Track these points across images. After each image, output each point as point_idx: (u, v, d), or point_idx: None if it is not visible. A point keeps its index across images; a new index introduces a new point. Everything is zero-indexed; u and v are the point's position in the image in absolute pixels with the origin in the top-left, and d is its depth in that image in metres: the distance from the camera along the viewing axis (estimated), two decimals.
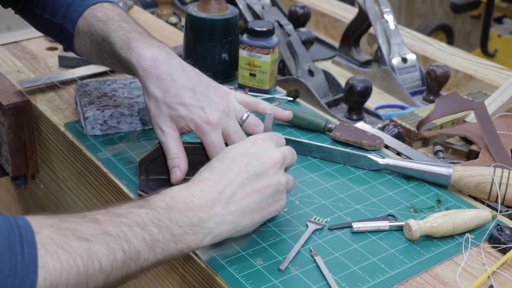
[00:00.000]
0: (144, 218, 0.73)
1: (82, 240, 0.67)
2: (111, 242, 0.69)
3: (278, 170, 0.83)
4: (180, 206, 0.76)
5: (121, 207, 0.74)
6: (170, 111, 0.91)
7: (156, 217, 0.74)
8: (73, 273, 0.65)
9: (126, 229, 0.71)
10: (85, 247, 0.67)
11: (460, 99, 1.12)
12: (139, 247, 0.71)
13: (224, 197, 0.79)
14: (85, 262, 0.66)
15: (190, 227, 0.76)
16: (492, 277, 0.82)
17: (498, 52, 3.43)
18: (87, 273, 0.67)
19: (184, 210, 0.76)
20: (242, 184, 0.80)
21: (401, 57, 1.42)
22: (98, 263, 0.68)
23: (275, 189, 0.82)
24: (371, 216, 0.93)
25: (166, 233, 0.74)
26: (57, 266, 0.64)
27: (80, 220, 0.69)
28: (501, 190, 0.95)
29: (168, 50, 0.95)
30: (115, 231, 0.70)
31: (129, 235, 0.71)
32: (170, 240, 0.74)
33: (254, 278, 0.80)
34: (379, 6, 1.45)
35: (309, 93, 1.31)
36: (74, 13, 1.03)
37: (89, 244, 0.67)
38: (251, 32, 1.21)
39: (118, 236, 0.70)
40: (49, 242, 0.65)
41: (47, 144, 1.22)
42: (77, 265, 0.66)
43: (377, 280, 0.81)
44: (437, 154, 1.13)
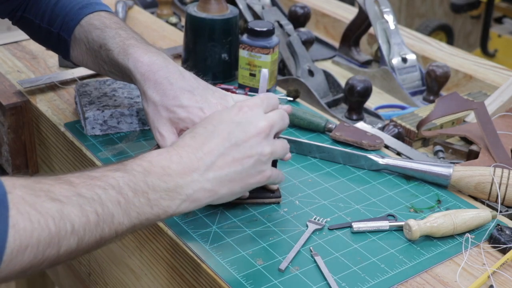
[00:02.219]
0: (120, 181, 0.72)
1: (54, 201, 0.66)
2: (85, 204, 0.68)
3: (262, 139, 0.82)
4: (157, 171, 0.75)
5: (97, 170, 0.73)
6: (169, 114, 0.91)
7: (132, 181, 0.73)
8: (44, 234, 0.65)
9: (100, 192, 0.70)
10: (57, 208, 0.66)
11: (460, 99, 1.12)
12: (113, 210, 0.71)
13: (203, 165, 0.78)
14: (56, 223, 0.66)
15: (167, 192, 0.75)
16: (492, 277, 0.82)
17: (498, 52, 3.43)
18: (58, 235, 0.66)
19: (161, 175, 0.75)
20: (223, 153, 0.80)
21: (401, 57, 1.42)
22: (70, 225, 0.67)
23: (257, 160, 0.81)
24: (371, 216, 0.93)
25: (141, 197, 0.73)
26: (28, 226, 0.64)
27: (54, 182, 0.69)
28: (501, 190, 0.95)
29: (165, 56, 0.96)
30: (89, 193, 0.69)
31: (103, 198, 0.70)
32: (145, 205, 0.73)
33: (254, 278, 0.81)
34: (379, 6, 1.45)
35: (309, 93, 1.31)
36: (71, 22, 1.03)
37: (62, 205, 0.67)
38: (251, 32, 1.21)
39: (92, 198, 0.69)
40: (21, 202, 0.64)
41: (47, 144, 1.22)
42: (49, 226, 0.65)
43: (377, 280, 0.81)
44: (437, 154, 1.13)
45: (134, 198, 0.72)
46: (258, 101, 0.85)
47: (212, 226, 0.89)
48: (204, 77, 1.26)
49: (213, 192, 0.79)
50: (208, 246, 0.86)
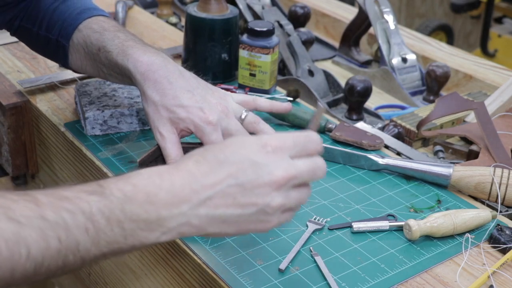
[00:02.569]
0: (92, 207, 0.64)
1: (12, 221, 0.61)
2: (46, 228, 0.62)
3: (273, 190, 0.69)
4: (140, 198, 0.66)
5: (71, 190, 0.66)
6: (169, 114, 0.91)
7: (107, 207, 0.65)
8: None
9: (67, 216, 0.63)
10: (13, 230, 0.60)
11: (460, 99, 1.12)
12: (79, 238, 0.64)
13: (196, 199, 0.68)
14: (10, 247, 0.60)
15: (146, 223, 0.66)
16: (492, 277, 0.82)
17: (498, 52, 3.43)
18: (11, 259, 0.60)
19: (143, 203, 0.66)
20: (224, 191, 0.68)
21: (401, 57, 1.42)
22: (26, 250, 0.61)
23: (261, 210, 0.69)
24: (371, 216, 0.93)
25: (115, 226, 0.65)
26: None
27: (18, 198, 0.63)
28: (501, 190, 0.95)
29: (164, 56, 0.96)
30: (53, 216, 0.63)
31: (70, 224, 0.63)
32: (118, 235, 0.66)
33: (254, 278, 0.80)
34: (379, 6, 1.45)
35: (309, 93, 1.31)
36: (69, 27, 1.04)
37: (20, 227, 0.61)
38: (251, 32, 1.21)
39: (56, 222, 0.63)
40: None
41: (47, 144, 1.22)
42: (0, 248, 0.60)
43: (377, 280, 0.81)
44: (437, 154, 1.13)
45: (106, 226, 0.65)
46: (289, 143, 0.71)
47: None
48: (204, 77, 1.26)
49: (200, 229, 0.69)
50: (208, 246, 0.86)
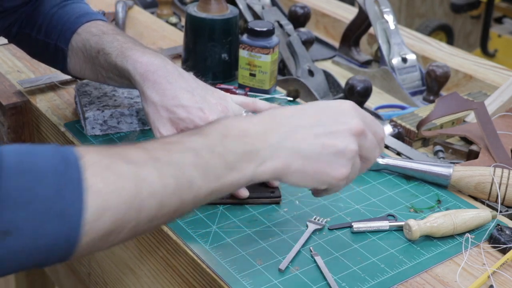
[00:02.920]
0: (197, 144, 0.69)
1: (129, 163, 0.64)
2: (161, 168, 0.66)
3: (351, 135, 0.75)
4: (235, 133, 0.72)
5: (172, 137, 0.71)
6: (169, 114, 0.91)
7: (209, 143, 0.70)
8: (122, 196, 0.63)
9: (177, 156, 0.67)
10: (133, 171, 0.64)
11: (460, 99, 1.12)
12: (191, 174, 0.68)
13: (283, 131, 0.73)
14: (135, 185, 0.63)
15: (244, 154, 0.71)
16: (492, 277, 0.82)
17: (498, 52, 3.43)
18: (137, 198, 0.64)
19: (239, 136, 0.72)
20: (306, 127, 0.74)
21: (401, 57, 1.42)
22: (149, 187, 0.64)
23: (341, 151, 0.74)
24: (371, 216, 0.93)
25: (219, 159, 0.69)
26: (105, 188, 0.62)
27: (128, 147, 0.67)
28: (501, 190, 0.95)
29: (163, 57, 0.96)
30: (165, 157, 0.67)
31: (180, 162, 0.67)
32: (223, 167, 0.70)
33: (254, 278, 0.81)
34: (379, 6, 1.45)
35: (309, 93, 1.31)
36: (68, 31, 1.04)
37: (138, 167, 0.64)
38: (251, 32, 1.21)
39: (168, 162, 0.67)
40: (95, 164, 0.62)
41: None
42: (126, 188, 0.63)
43: (377, 280, 0.81)
44: (437, 154, 1.13)
45: (211, 160, 0.69)
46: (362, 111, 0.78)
47: (212, 226, 0.89)
48: (204, 77, 1.27)
49: (286, 164, 0.73)
50: (208, 246, 0.86)
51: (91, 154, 0.63)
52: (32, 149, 0.61)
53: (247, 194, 0.91)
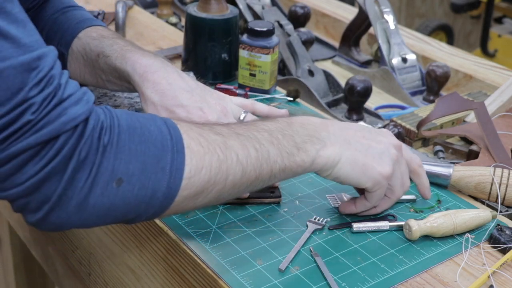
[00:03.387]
0: (270, 126, 0.80)
1: (217, 134, 0.75)
2: (244, 139, 0.76)
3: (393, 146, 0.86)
4: (299, 121, 0.83)
5: (246, 122, 0.83)
6: (168, 114, 0.92)
7: (280, 127, 0.81)
8: (214, 158, 0.73)
9: (255, 133, 0.78)
10: (221, 140, 0.75)
11: (460, 99, 1.12)
12: (268, 148, 0.78)
13: (337, 127, 0.84)
14: (223, 151, 0.74)
15: (309, 137, 0.81)
16: (492, 277, 0.82)
17: (498, 52, 3.43)
18: (226, 162, 0.74)
19: (303, 124, 0.83)
20: (357, 131, 0.85)
21: (401, 57, 1.42)
22: (235, 155, 0.75)
23: (386, 152, 0.85)
24: (371, 216, 0.93)
25: (290, 140, 0.80)
26: (200, 149, 0.72)
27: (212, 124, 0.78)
28: (501, 190, 0.95)
29: (162, 59, 0.98)
30: (245, 133, 0.77)
31: (259, 137, 0.78)
32: (293, 147, 0.80)
33: (254, 278, 0.81)
34: (379, 6, 1.45)
35: (309, 93, 1.31)
36: (69, 36, 1.04)
37: (225, 138, 0.75)
38: (251, 32, 1.21)
39: (249, 136, 0.77)
40: (190, 131, 0.73)
41: None
42: (217, 152, 0.73)
43: (377, 280, 0.81)
44: (437, 154, 1.13)
45: (283, 140, 0.79)
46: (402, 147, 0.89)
47: (212, 226, 0.89)
48: (204, 77, 1.27)
49: (340, 152, 0.82)
50: (208, 246, 0.86)
51: (183, 124, 0.74)
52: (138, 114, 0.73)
53: (247, 194, 0.91)
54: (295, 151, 0.80)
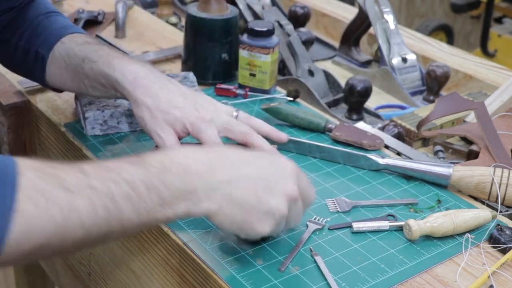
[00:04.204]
0: (134, 177, 0.70)
1: (64, 190, 0.65)
2: (95, 197, 0.67)
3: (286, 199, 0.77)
4: (177, 168, 0.72)
5: (113, 161, 0.71)
6: (164, 115, 0.92)
7: (147, 177, 0.70)
8: (50, 223, 0.64)
9: (112, 186, 0.68)
10: (66, 198, 0.65)
11: (460, 99, 1.12)
12: (123, 206, 0.68)
13: (226, 174, 0.75)
14: (64, 214, 0.65)
15: (180, 192, 0.72)
16: (492, 277, 0.82)
17: (498, 52, 3.43)
18: (65, 226, 0.65)
19: (180, 173, 0.72)
20: (250, 179, 0.76)
21: (401, 57, 1.42)
22: (78, 218, 0.66)
23: (272, 211, 0.76)
24: (371, 216, 0.93)
25: (155, 196, 0.70)
26: (35, 213, 0.63)
27: (68, 169, 0.68)
28: (501, 190, 0.95)
29: (149, 66, 0.98)
30: (100, 186, 0.67)
31: (115, 192, 0.68)
32: (157, 204, 0.71)
33: (254, 278, 0.81)
34: (379, 6, 1.45)
35: (309, 93, 1.31)
36: (52, 39, 1.04)
37: (72, 196, 0.65)
38: (251, 32, 1.21)
39: (103, 192, 0.67)
40: (31, 187, 0.64)
41: (47, 144, 1.22)
42: (55, 215, 0.64)
43: (377, 280, 0.81)
44: (437, 154, 1.13)
45: (146, 195, 0.70)
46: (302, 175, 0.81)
47: (212, 226, 0.89)
48: (204, 77, 1.27)
49: (219, 207, 0.74)
50: (208, 246, 0.86)
51: (30, 173, 0.64)
52: None
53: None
54: (159, 209, 0.71)
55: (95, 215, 0.67)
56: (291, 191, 0.77)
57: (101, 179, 0.68)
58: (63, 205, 0.65)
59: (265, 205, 0.75)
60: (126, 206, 0.69)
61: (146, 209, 0.70)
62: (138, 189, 0.69)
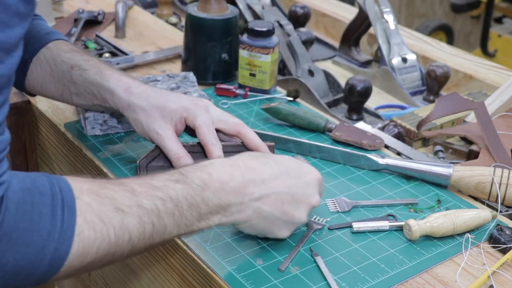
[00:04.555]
0: (179, 194, 0.75)
1: (117, 210, 0.70)
2: (144, 215, 0.72)
3: (308, 209, 0.84)
4: (215, 186, 0.78)
5: (158, 179, 0.76)
6: (160, 111, 0.93)
7: (190, 194, 0.76)
8: (104, 243, 0.69)
9: (159, 203, 0.73)
10: (119, 219, 0.70)
11: (460, 99, 1.12)
12: (167, 222, 0.74)
13: (257, 193, 0.80)
14: (117, 233, 0.70)
15: (216, 208, 0.78)
16: (492, 277, 0.82)
17: (498, 52, 3.43)
18: (116, 244, 0.70)
19: (217, 190, 0.78)
20: (279, 194, 0.82)
21: (401, 57, 1.42)
22: (128, 235, 0.71)
23: (294, 222, 0.83)
24: (371, 216, 0.93)
25: (194, 211, 0.76)
26: (92, 235, 0.68)
27: (118, 189, 0.72)
28: (501, 190, 0.95)
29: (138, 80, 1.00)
30: (149, 204, 0.73)
31: (161, 210, 0.73)
32: (195, 218, 0.76)
33: (254, 278, 0.81)
34: (379, 6, 1.45)
35: (309, 93, 1.31)
36: (37, 44, 1.04)
37: (123, 215, 0.70)
38: (251, 32, 1.21)
39: (151, 210, 0.73)
40: (88, 210, 0.68)
41: (47, 144, 1.22)
42: (110, 235, 0.69)
43: (377, 280, 0.81)
44: (437, 154, 1.13)
45: (187, 211, 0.76)
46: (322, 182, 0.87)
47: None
48: (204, 77, 1.27)
49: (247, 219, 0.81)
50: (208, 246, 0.86)
51: (85, 196, 0.69)
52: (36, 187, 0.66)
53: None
54: (196, 223, 0.77)
55: (143, 232, 0.72)
56: (315, 202, 0.85)
57: (149, 197, 0.73)
58: (116, 224, 0.70)
59: (289, 217, 0.83)
60: (169, 222, 0.74)
61: (186, 223, 0.76)
62: (181, 206, 0.75)
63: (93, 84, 0.98)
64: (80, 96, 1.01)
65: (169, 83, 1.19)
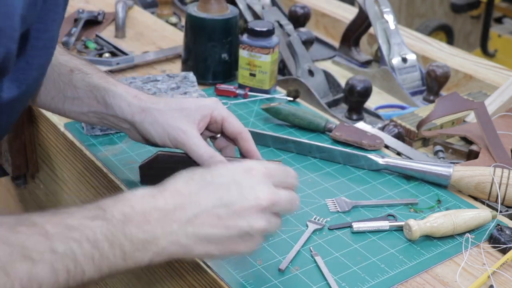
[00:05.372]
0: (97, 233, 0.67)
1: (26, 259, 0.64)
2: (56, 262, 0.65)
3: (257, 212, 0.72)
4: (138, 219, 0.69)
5: (75, 216, 0.68)
6: (180, 112, 0.89)
7: (110, 231, 0.68)
8: None
9: (75, 246, 0.66)
10: (27, 269, 0.64)
11: (460, 99, 1.12)
12: (85, 267, 0.67)
13: (184, 217, 0.71)
14: (24, 286, 0.63)
15: (143, 243, 0.69)
16: (492, 277, 0.82)
17: (498, 52, 3.43)
18: None
19: (141, 224, 0.69)
20: (210, 211, 0.71)
21: (401, 57, 1.42)
22: (37, 286, 0.64)
23: (245, 232, 0.71)
24: (371, 216, 0.93)
25: (117, 250, 0.68)
26: None
27: (30, 232, 0.66)
28: (501, 190, 0.95)
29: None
30: (63, 247, 0.65)
31: (78, 253, 0.66)
32: (119, 257, 0.68)
33: (254, 278, 0.81)
34: (379, 6, 1.45)
35: (309, 93, 1.31)
36: None
37: (33, 265, 0.64)
38: (251, 32, 1.21)
39: (65, 254, 0.65)
40: None
41: (47, 144, 1.22)
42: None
43: (377, 280, 0.81)
44: (437, 154, 1.13)
45: (109, 251, 0.68)
46: (271, 170, 0.75)
47: None
48: (204, 77, 1.27)
49: (187, 249, 0.71)
50: None
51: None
52: None
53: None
54: (121, 263, 0.68)
55: (56, 281, 0.65)
56: (262, 200, 0.72)
57: (63, 240, 0.66)
58: (23, 277, 0.63)
59: (235, 230, 0.71)
60: (88, 266, 0.67)
61: (108, 265, 0.68)
62: (102, 246, 0.67)
63: (97, 89, 0.94)
64: (75, 102, 0.96)
65: (169, 83, 1.19)
